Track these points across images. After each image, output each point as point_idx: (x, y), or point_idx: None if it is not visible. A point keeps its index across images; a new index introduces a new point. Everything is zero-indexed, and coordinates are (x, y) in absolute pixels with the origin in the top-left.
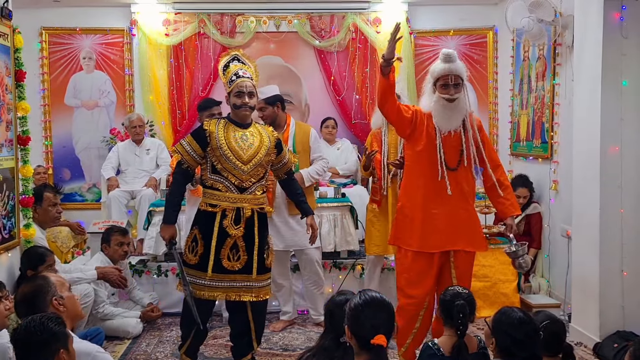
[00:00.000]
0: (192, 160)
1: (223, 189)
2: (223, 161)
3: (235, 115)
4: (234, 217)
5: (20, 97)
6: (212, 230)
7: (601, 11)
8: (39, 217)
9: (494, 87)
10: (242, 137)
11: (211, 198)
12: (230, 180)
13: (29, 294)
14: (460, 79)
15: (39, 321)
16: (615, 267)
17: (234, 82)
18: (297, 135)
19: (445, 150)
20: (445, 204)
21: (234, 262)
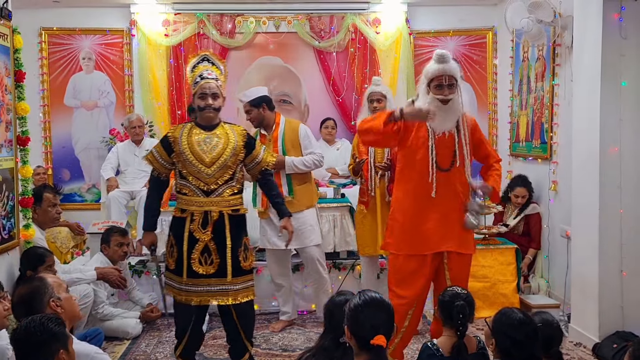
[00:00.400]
0: (162, 168)
1: (190, 193)
2: (187, 166)
3: (201, 118)
4: (202, 221)
5: (20, 97)
6: (183, 236)
7: (600, 12)
8: (38, 217)
9: (493, 87)
10: (206, 140)
11: (181, 203)
12: (195, 184)
13: (26, 295)
14: (454, 79)
15: (38, 322)
16: (614, 267)
17: (198, 84)
18: (286, 133)
19: (438, 152)
20: (437, 205)
21: (207, 266)
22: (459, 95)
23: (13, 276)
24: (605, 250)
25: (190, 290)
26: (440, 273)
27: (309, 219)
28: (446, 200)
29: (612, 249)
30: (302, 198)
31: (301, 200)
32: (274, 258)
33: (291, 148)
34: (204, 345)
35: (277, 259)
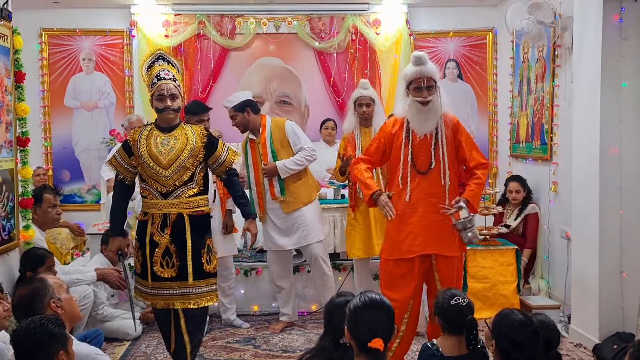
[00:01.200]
0: (126, 171)
1: (150, 196)
2: (145, 169)
3: (160, 119)
4: (160, 223)
5: (20, 98)
6: (145, 239)
7: (600, 13)
8: (38, 218)
9: (493, 88)
10: (163, 142)
11: (144, 207)
12: (153, 187)
13: (26, 296)
14: (432, 80)
15: (38, 323)
16: (614, 268)
17: (155, 85)
18: (273, 133)
19: (418, 154)
20: (418, 208)
21: (169, 269)
22: (438, 96)
23: (13, 277)
24: (606, 251)
25: (155, 294)
26: (430, 275)
27: (308, 216)
28: (426, 203)
29: (612, 250)
30: (298, 195)
31: (298, 198)
32: (275, 259)
33: (280, 147)
34: (203, 346)
35: (278, 260)
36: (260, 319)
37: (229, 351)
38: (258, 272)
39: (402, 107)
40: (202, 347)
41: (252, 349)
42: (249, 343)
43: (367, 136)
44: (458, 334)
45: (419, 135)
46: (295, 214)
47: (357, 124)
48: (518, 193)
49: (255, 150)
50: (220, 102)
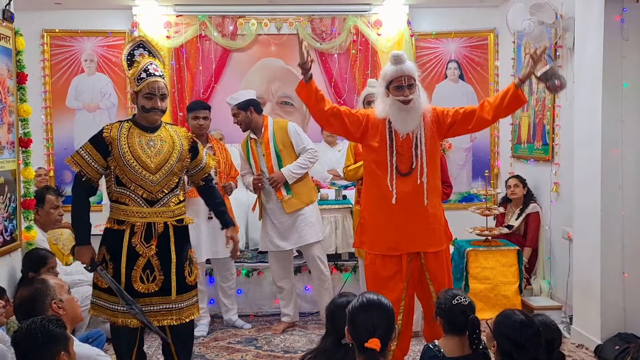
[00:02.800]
0: (94, 172)
1: (130, 202)
2: (127, 172)
3: (143, 119)
4: (144, 233)
5: (22, 99)
6: (121, 250)
7: (602, 13)
8: (40, 219)
9: (494, 89)
10: (149, 143)
11: (118, 214)
12: (137, 192)
13: (28, 297)
14: (413, 79)
15: (39, 323)
16: (616, 269)
17: (144, 81)
18: (276, 134)
19: (401, 153)
20: (400, 208)
21: (149, 283)
22: (418, 95)
23: (15, 278)
24: (607, 252)
25: (128, 312)
26: (421, 275)
27: (308, 216)
28: (409, 203)
29: (614, 251)
30: (300, 195)
31: (300, 198)
32: (275, 260)
33: (283, 148)
34: (205, 347)
35: (279, 261)
36: (261, 319)
37: (230, 352)
38: (259, 273)
39: (383, 107)
40: (203, 347)
41: (254, 349)
42: (251, 344)
43: None
44: (460, 334)
45: (401, 135)
46: (296, 214)
47: None
48: (517, 187)
49: (254, 149)
50: (222, 103)
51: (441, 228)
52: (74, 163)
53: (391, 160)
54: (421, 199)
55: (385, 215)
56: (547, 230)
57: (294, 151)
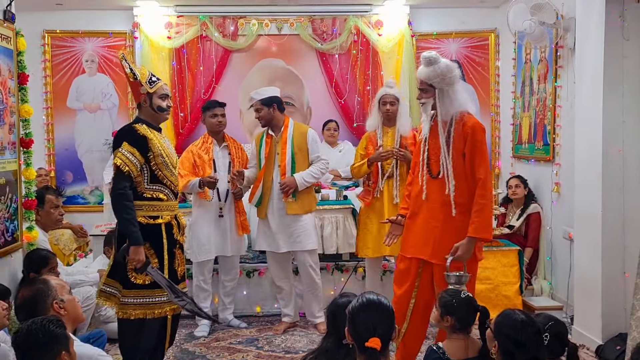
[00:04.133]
0: (137, 171)
1: (164, 197)
2: (163, 168)
3: (154, 119)
4: (177, 225)
5: (23, 100)
6: (162, 243)
7: (603, 13)
8: (41, 219)
9: (495, 89)
10: (166, 142)
11: (150, 209)
12: (169, 187)
13: (29, 298)
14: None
15: (40, 324)
16: (617, 269)
17: (157, 84)
18: (294, 137)
19: (431, 158)
20: (421, 211)
21: (178, 271)
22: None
23: (16, 278)
24: (608, 252)
25: (164, 302)
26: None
27: (306, 224)
28: (432, 208)
29: (614, 251)
30: (303, 202)
31: (302, 204)
32: (274, 261)
33: (299, 152)
34: (206, 347)
35: (277, 262)
36: (262, 319)
37: (231, 352)
38: (260, 273)
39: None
40: (205, 348)
41: (255, 350)
42: (252, 344)
43: (390, 136)
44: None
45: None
46: (295, 218)
47: (380, 122)
48: (518, 188)
49: (270, 147)
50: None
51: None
52: (124, 164)
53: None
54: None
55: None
56: (548, 230)
57: (307, 157)
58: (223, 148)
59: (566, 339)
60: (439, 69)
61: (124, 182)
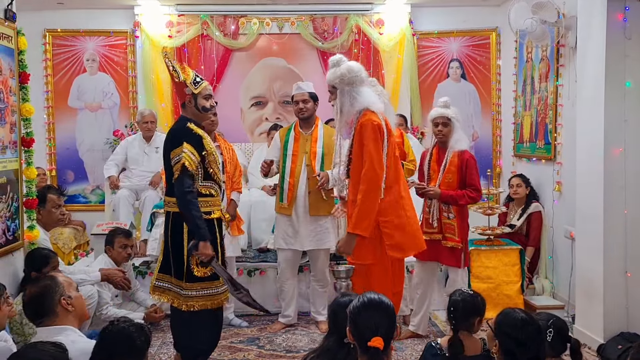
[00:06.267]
0: (196, 169)
1: (215, 194)
2: (214, 166)
3: (198, 118)
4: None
5: (24, 99)
6: (216, 237)
7: (604, 12)
8: (42, 218)
9: (496, 88)
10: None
11: (205, 205)
12: (219, 184)
13: (37, 293)
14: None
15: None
16: (619, 268)
17: (201, 84)
18: (325, 137)
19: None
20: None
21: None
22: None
23: (17, 277)
24: (610, 251)
25: (221, 292)
26: None
27: (328, 224)
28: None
29: (616, 250)
30: (327, 204)
31: (326, 206)
32: (285, 260)
33: (327, 153)
34: None
35: (289, 262)
36: (263, 319)
37: (233, 351)
38: (262, 273)
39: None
40: None
41: (256, 349)
42: (253, 343)
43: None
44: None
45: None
46: (319, 219)
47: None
48: (519, 187)
49: (299, 143)
50: (224, 103)
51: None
52: (190, 164)
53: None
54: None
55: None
56: (549, 229)
57: (332, 159)
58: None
59: (568, 335)
60: (338, 71)
61: (189, 181)
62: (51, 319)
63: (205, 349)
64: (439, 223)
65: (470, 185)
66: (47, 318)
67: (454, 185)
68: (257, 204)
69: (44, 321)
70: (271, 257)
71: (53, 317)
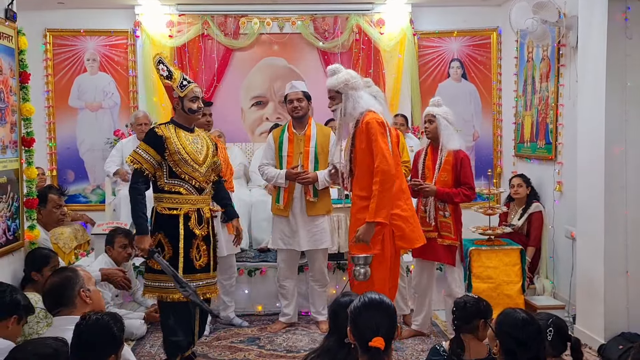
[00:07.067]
0: (152, 168)
1: (184, 192)
2: (182, 165)
3: (186, 120)
4: (197, 218)
5: (25, 98)
6: (178, 233)
7: (605, 12)
8: (43, 218)
9: (497, 88)
10: (194, 141)
11: (169, 202)
12: (190, 183)
13: (57, 284)
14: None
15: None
16: (619, 268)
17: (187, 87)
18: (318, 136)
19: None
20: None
21: (198, 261)
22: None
23: (18, 277)
24: (611, 251)
25: (169, 287)
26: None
27: (324, 223)
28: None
29: (617, 250)
30: (323, 202)
31: (323, 205)
32: (284, 260)
33: (321, 152)
34: (207, 346)
35: (288, 261)
36: (264, 318)
37: (233, 351)
38: (262, 272)
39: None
40: (206, 346)
41: (257, 348)
42: (253, 343)
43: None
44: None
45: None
46: (316, 219)
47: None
48: (520, 187)
49: (293, 144)
50: (225, 102)
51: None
52: (134, 162)
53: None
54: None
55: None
56: (550, 229)
57: (327, 159)
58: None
59: (568, 335)
60: (342, 77)
61: (136, 177)
62: (69, 309)
63: (180, 343)
64: (436, 221)
65: (465, 183)
66: (65, 308)
67: (449, 184)
68: (257, 204)
69: (62, 310)
70: (271, 257)
71: (71, 308)
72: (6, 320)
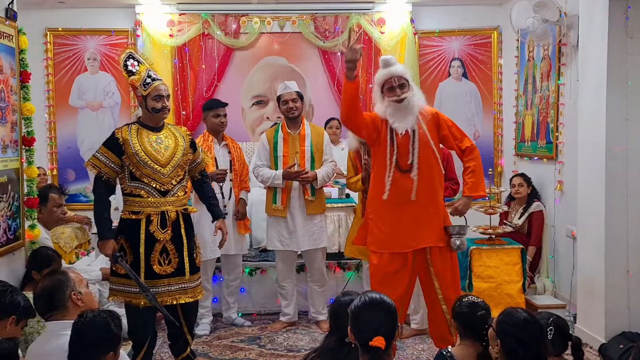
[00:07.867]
0: (111, 171)
1: (145, 194)
2: (141, 167)
3: (151, 119)
4: (160, 221)
5: (25, 98)
6: (139, 237)
7: (606, 11)
8: (43, 217)
9: (498, 87)
10: (157, 141)
11: (133, 205)
12: (151, 185)
13: (49, 287)
14: (403, 79)
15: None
16: (620, 267)
17: (151, 85)
18: (312, 136)
19: (400, 152)
20: (410, 203)
21: (166, 266)
22: (412, 94)
23: (18, 276)
24: (612, 250)
25: (135, 292)
26: (426, 270)
27: (321, 222)
28: (417, 199)
29: (618, 249)
30: (320, 201)
31: (320, 204)
32: (281, 260)
33: (316, 152)
34: (208, 345)
35: (285, 261)
36: (264, 318)
37: (233, 350)
38: (262, 272)
39: (382, 110)
40: (207, 346)
41: (257, 348)
42: (254, 342)
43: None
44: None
45: (400, 132)
46: (314, 217)
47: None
48: (521, 187)
49: (288, 144)
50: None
51: (442, 224)
52: (92, 166)
53: (391, 158)
54: (428, 196)
55: (390, 213)
56: (551, 228)
57: (321, 158)
58: (223, 146)
59: (568, 334)
60: (402, 67)
61: (97, 182)
62: (61, 312)
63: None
64: None
65: (451, 179)
66: (57, 312)
67: None
68: (257, 204)
69: (54, 315)
70: (272, 257)
71: (63, 312)
72: (4, 321)
